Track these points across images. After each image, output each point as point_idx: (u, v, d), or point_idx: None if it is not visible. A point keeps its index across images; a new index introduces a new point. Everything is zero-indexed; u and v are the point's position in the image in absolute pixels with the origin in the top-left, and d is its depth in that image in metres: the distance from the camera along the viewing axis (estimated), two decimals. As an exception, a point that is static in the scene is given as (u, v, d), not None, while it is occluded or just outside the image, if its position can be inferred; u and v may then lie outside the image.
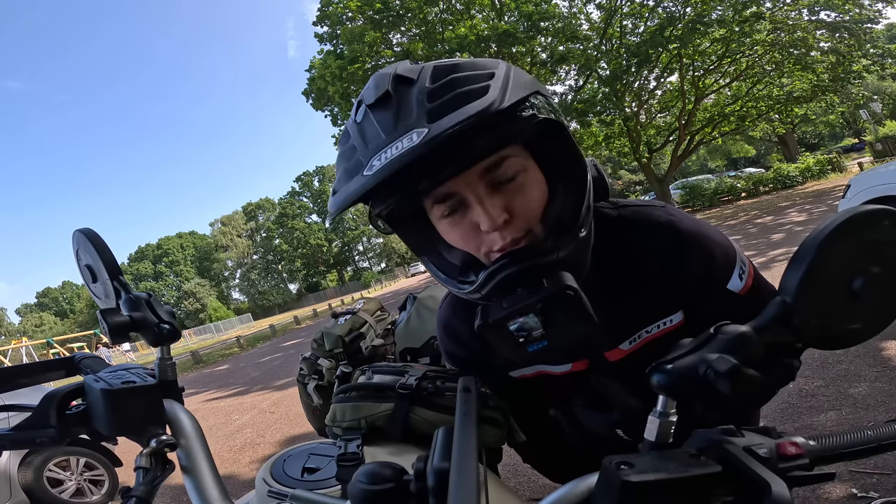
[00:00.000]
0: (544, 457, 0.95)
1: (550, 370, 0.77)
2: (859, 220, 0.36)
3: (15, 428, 0.50)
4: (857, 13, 13.92)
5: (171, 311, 0.58)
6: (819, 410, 2.30)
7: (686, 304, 0.70)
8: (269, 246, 65.22)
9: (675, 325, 0.70)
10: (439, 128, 0.46)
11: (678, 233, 0.66)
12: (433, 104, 0.49)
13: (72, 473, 3.36)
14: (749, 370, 0.35)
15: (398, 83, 0.53)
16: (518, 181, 0.56)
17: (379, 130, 0.51)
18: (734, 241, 0.71)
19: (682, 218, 0.68)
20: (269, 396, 6.01)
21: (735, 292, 0.68)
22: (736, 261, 0.68)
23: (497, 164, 0.55)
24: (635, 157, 18.17)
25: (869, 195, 3.72)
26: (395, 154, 0.47)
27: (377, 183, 0.47)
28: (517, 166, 0.56)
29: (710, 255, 0.66)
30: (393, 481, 0.33)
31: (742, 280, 0.68)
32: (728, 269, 0.67)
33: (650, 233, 0.67)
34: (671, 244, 0.66)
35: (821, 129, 35.24)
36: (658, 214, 0.68)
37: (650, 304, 0.69)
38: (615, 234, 0.68)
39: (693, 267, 0.66)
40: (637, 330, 0.71)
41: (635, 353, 0.72)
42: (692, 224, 0.68)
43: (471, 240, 0.58)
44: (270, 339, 15.84)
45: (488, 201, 0.54)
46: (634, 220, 0.68)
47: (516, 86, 0.51)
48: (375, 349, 1.24)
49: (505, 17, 15.44)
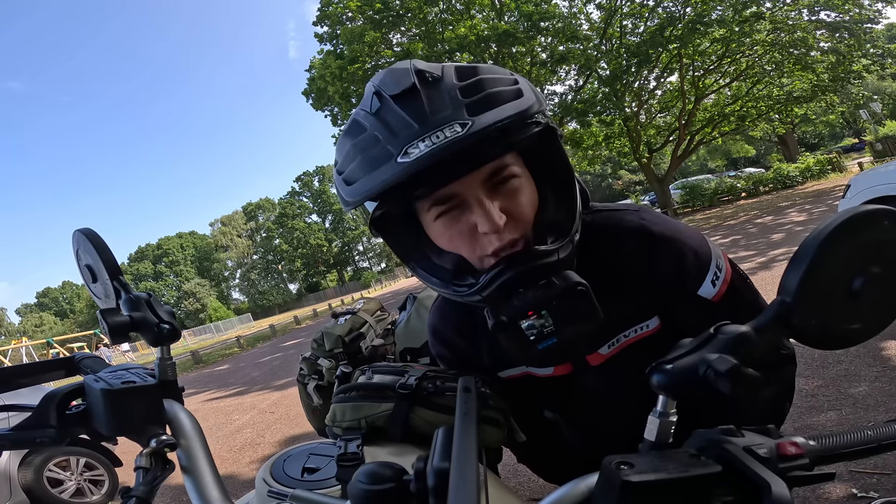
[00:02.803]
0: (540, 457, 0.96)
1: (535, 372, 0.77)
2: (859, 220, 0.36)
3: (15, 428, 0.50)
4: (857, 13, 13.92)
5: (171, 311, 0.58)
6: (819, 410, 2.30)
7: (660, 309, 0.70)
8: (269, 246, 65.22)
9: (652, 331, 0.70)
10: (483, 122, 0.48)
11: (648, 236, 0.66)
12: (469, 99, 0.51)
13: (72, 473, 3.36)
14: (749, 370, 0.35)
15: (421, 78, 0.53)
16: (514, 185, 0.57)
17: (410, 121, 0.50)
18: (714, 245, 0.69)
19: (655, 221, 0.67)
20: (269, 396, 6.01)
21: (707, 298, 0.66)
22: (710, 266, 0.66)
23: (500, 169, 0.56)
24: (635, 157, 18.17)
25: (869, 195, 3.72)
26: (440, 142, 0.48)
27: (419, 170, 0.48)
28: (514, 171, 0.57)
29: (679, 260, 0.65)
30: (393, 481, 0.33)
31: (715, 286, 0.66)
32: (700, 274, 0.66)
33: (621, 238, 0.67)
34: (641, 248, 0.66)
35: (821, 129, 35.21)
36: (629, 219, 0.68)
37: (626, 309, 0.69)
38: (588, 239, 0.67)
39: (663, 271, 0.66)
40: (615, 334, 0.70)
41: (615, 357, 0.72)
42: (664, 228, 0.67)
43: (465, 241, 0.58)
44: (270, 339, 15.84)
45: (488, 204, 0.55)
46: (606, 225, 0.68)
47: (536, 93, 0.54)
48: (375, 349, 1.24)
49: (505, 17, 15.44)
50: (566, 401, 0.82)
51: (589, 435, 0.85)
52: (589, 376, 0.74)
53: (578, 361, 0.74)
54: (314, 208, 65.68)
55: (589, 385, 0.75)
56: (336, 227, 65.37)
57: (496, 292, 0.54)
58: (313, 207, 65.59)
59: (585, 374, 0.74)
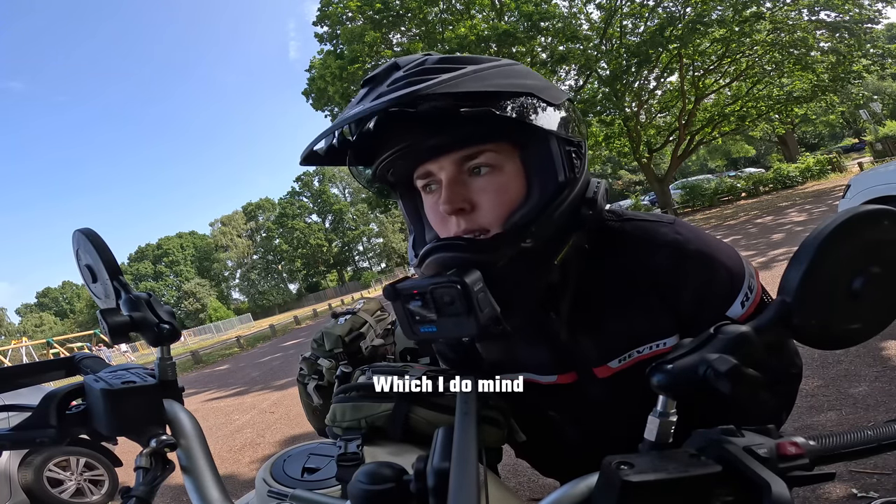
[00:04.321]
0: (539, 453, 0.96)
1: (537, 379, 0.76)
2: (859, 220, 0.36)
3: (15, 428, 0.50)
4: (857, 13, 13.93)
5: (171, 311, 0.58)
6: (819, 410, 2.30)
7: (681, 328, 0.67)
8: (269, 246, 65.20)
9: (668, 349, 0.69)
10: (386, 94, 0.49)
11: (681, 253, 0.63)
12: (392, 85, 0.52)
13: (72, 473, 3.36)
14: (749, 370, 0.35)
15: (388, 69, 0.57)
16: (489, 177, 0.58)
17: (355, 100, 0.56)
18: (748, 263, 0.66)
19: (691, 238, 0.64)
20: (269, 396, 6.01)
21: (733, 319, 0.64)
22: (743, 286, 0.64)
23: (473, 156, 0.57)
24: (635, 157, 18.17)
25: (869, 195, 3.73)
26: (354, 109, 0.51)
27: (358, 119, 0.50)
28: (493, 162, 0.57)
29: (711, 278, 0.63)
30: (393, 481, 0.33)
31: (744, 307, 0.64)
32: (731, 295, 0.63)
33: (651, 250, 0.64)
34: (671, 264, 0.63)
35: (821, 129, 35.24)
36: (664, 232, 0.65)
37: (643, 325, 0.66)
38: (615, 247, 0.65)
39: (690, 291, 0.63)
40: (628, 349, 0.67)
41: (625, 372, 0.69)
42: (699, 245, 0.64)
43: (438, 219, 0.61)
44: (270, 339, 15.84)
45: (454, 186, 0.57)
46: (637, 235, 0.65)
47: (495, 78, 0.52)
48: (375, 349, 1.24)
49: (505, 17, 15.45)
50: (568, 406, 0.81)
51: (590, 434, 0.85)
52: (594, 387, 0.73)
53: (584, 372, 0.72)
54: (314, 208, 65.66)
55: (594, 395, 0.74)
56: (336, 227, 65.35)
57: (424, 270, 0.57)
58: (313, 207, 65.57)
59: (591, 384, 0.73)
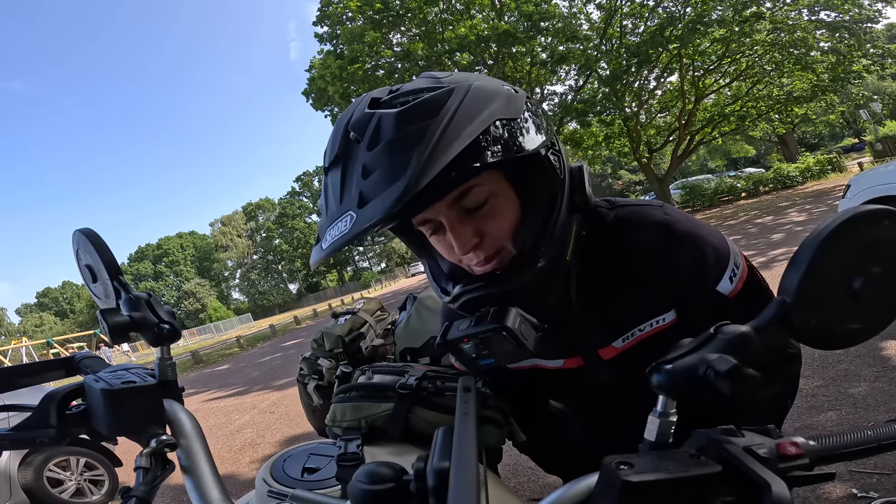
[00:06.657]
0: (541, 448, 0.96)
1: (544, 364, 0.77)
2: (859, 220, 0.36)
3: (15, 428, 0.50)
4: (856, 13, 13.92)
5: (171, 311, 0.58)
6: (819, 410, 2.30)
7: (677, 303, 0.71)
8: (269, 246, 65.21)
9: (668, 324, 0.71)
10: (362, 222, 0.47)
11: (671, 232, 0.66)
12: (365, 182, 0.50)
13: (72, 473, 3.36)
14: (749, 370, 0.35)
15: (346, 143, 0.54)
16: (488, 206, 0.59)
17: (332, 199, 0.54)
18: (732, 243, 0.71)
19: (679, 218, 0.68)
20: (269, 396, 6.01)
21: (724, 294, 0.68)
22: (729, 262, 0.68)
23: (465, 193, 0.57)
24: (635, 157, 18.16)
25: (869, 195, 3.72)
26: (332, 239, 0.50)
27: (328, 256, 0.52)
28: (486, 192, 0.58)
29: (701, 255, 0.66)
30: (393, 481, 0.33)
31: (732, 282, 0.68)
32: (719, 270, 0.67)
33: (643, 231, 0.67)
34: (662, 243, 0.66)
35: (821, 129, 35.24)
36: (653, 213, 0.69)
37: (642, 303, 0.70)
38: (608, 233, 0.68)
39: (683, 266, 0.67)
40: (630, 328, 0.71)
41: (629, 351, 0.72)
42: (687, 224, 0.68)
43: (452, 255, 0.63)
44: (270, 339, 15.84)
45: (459, 228, 0.59)
46: (629, 219, 0.69)
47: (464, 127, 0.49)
48: (375, 349, 1.24)
49: (505, 17, 15.43)
50: (573, 392, 0.82)
51: (591, 428, 0.85)
52: (600, 369, 0.74)
53: (590, 355, 0.74)
54: (314, 208, 65.62)
55: (598, 378, 0.75)
56: (336, 227, 65.19)
57: (460, 309, 0.61)
58: (313, 207, 65.52)
59: (596, 367, 0.74)
